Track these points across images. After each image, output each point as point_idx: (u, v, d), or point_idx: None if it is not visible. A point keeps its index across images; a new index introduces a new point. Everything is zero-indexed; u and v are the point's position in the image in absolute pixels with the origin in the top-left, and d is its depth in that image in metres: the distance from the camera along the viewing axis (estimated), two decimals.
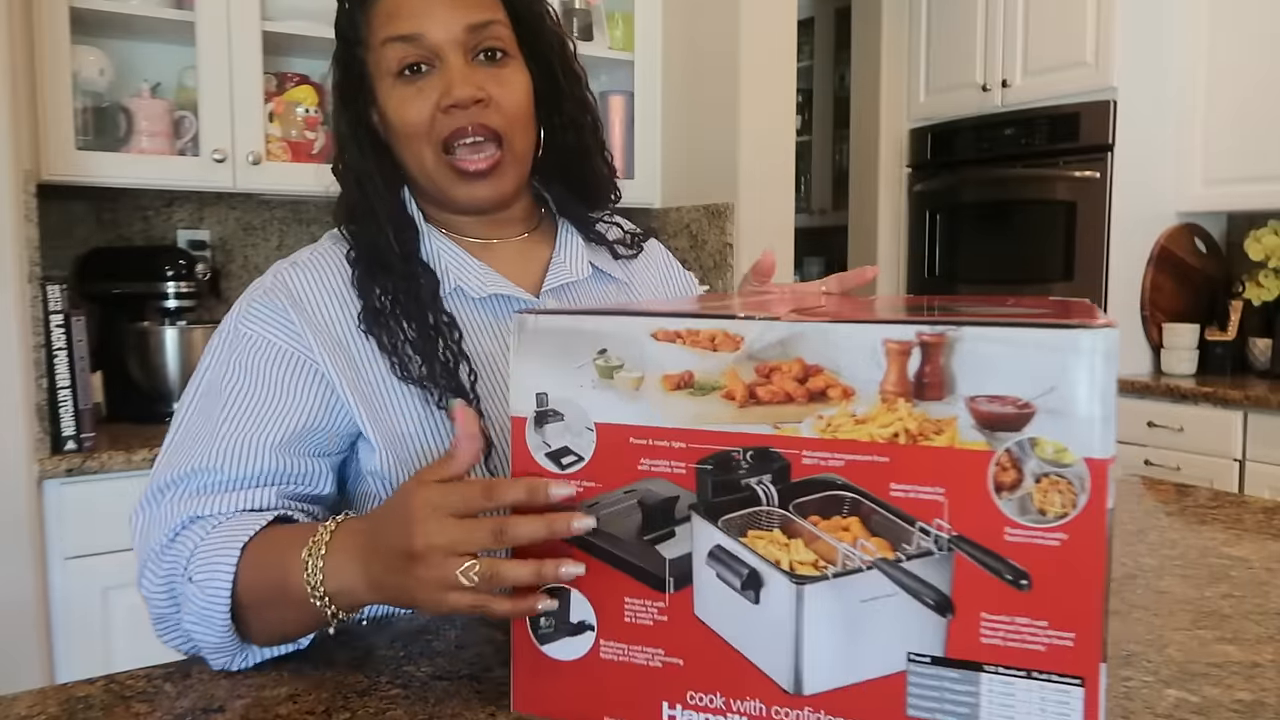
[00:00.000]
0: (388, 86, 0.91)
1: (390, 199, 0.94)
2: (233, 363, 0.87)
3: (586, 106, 1.02)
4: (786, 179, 2.66)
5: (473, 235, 0.98)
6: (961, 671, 0.56)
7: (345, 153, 0.94)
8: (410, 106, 0.90)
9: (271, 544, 0.75)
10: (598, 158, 1.04)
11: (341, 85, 0.95)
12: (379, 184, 0.94)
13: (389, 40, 0.90)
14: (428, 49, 0.89)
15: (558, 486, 0.61)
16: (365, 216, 0.93)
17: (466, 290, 0.94)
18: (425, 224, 0.96)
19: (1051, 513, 0.53)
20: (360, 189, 0.93)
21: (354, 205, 0.94)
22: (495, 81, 0.91)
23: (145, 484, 0.86)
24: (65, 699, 0.74)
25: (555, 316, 0.63)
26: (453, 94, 0.88)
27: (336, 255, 0.93)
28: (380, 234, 0.92)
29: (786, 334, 0.58)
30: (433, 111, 0.89)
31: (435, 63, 0.90)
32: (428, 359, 0.87)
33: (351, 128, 0.94)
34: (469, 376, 0.89)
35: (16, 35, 1.82)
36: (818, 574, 0.58)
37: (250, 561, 0.75)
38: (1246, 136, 2.86)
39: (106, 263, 2.21)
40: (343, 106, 0.95)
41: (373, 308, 0.88)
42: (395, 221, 0.93)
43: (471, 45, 0.90)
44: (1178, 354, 2.95)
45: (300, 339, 0.87)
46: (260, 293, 0.90)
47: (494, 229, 0.99)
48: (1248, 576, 1.00)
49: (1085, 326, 0.51)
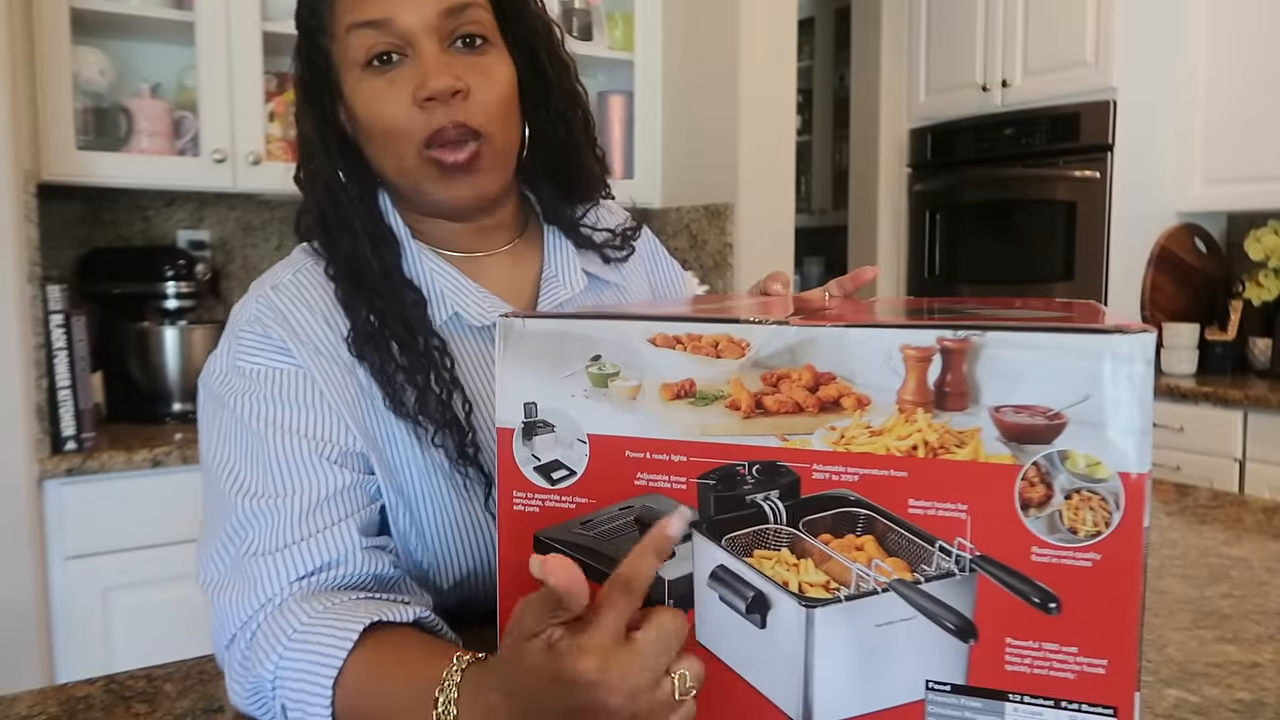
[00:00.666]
0: (355, 79, 0.82)
1: (365, 208, 0.86)
2: (253, 399, 0.78)
3: (576, 98, 0.93)
4: (786, 179, 2.66)
5: (459, 249, 0.90)
6: (985, 701, 0.52)
7: (313, 157, 0.86)
8: (382, 101, 0.81)
9: (376, 691, 0.64)
10: (588, 154, 0.95)
11: (305, 81, 0.86)
12: (352, 192, 0.86)
13: (354, 26, 0.80)
14: (398, 35, 0.80)
15: (674, 525, 0.53)
16: (339, 228, 0.85)
17: (465, 318, 0.87)
18: (412, 240, 0.88)
19: (1083, 531, 0.49)
20: (331, 197, 0.85)
21: (325, 216, 0.85)
22: (474, 71, 0.82)
23: (198, 547, 0.78)
24: (65, 699, 0.74)
25: (544, 320, 0.59)
26: (428, 85, 0.79)
27: (317, 273, 0.85)
28: (357, 247, 0.84)
29: (796, 339, 0.54)
30: (407, 106, 0.80)
31: (407, 51, 0.80)
32: (419, 390, 0.80)
33: (318, 129, 0.85)
34: (463, 408, 0.82)
35: (16, 35, 1.81)
36: (829, 596, 0.54)
37: (351, 696, 0.65)
38: (1246, 136, 2.86)
39: (106, 263, 2.21)
40: (307, 105, 0.86)
41: (364, 331, 0.81)
42: (372, 234, 0.85)
43: (447, 31, 0.81)
44: (1178, 354, 2.95)
45: (298, 360, 0.80)
46: (246, 322, 0.82)
47: (480, 239, 0.91)
48: (1248, 576, 1.00)
49: (1123, 331, 0.48)
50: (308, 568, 0.72)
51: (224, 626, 0.72)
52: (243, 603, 0.71)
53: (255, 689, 0.68)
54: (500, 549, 0.62)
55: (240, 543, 0.74)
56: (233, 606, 0.71)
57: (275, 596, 0.71)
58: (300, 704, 0.65)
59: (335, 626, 0.66)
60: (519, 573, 0.60)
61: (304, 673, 0.65)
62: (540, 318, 0.59)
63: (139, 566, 1.89)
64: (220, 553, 0.75)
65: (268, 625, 0.69)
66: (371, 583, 0.75)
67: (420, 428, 0.81)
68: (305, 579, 0.72)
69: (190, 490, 1.90)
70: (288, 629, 0.68)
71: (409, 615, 0.69)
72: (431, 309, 0.86)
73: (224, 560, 0.74)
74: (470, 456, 0.81)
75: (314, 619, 0.67)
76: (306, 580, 0.72)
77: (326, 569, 0.73)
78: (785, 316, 0.57)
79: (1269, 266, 2.90)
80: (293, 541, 0.73)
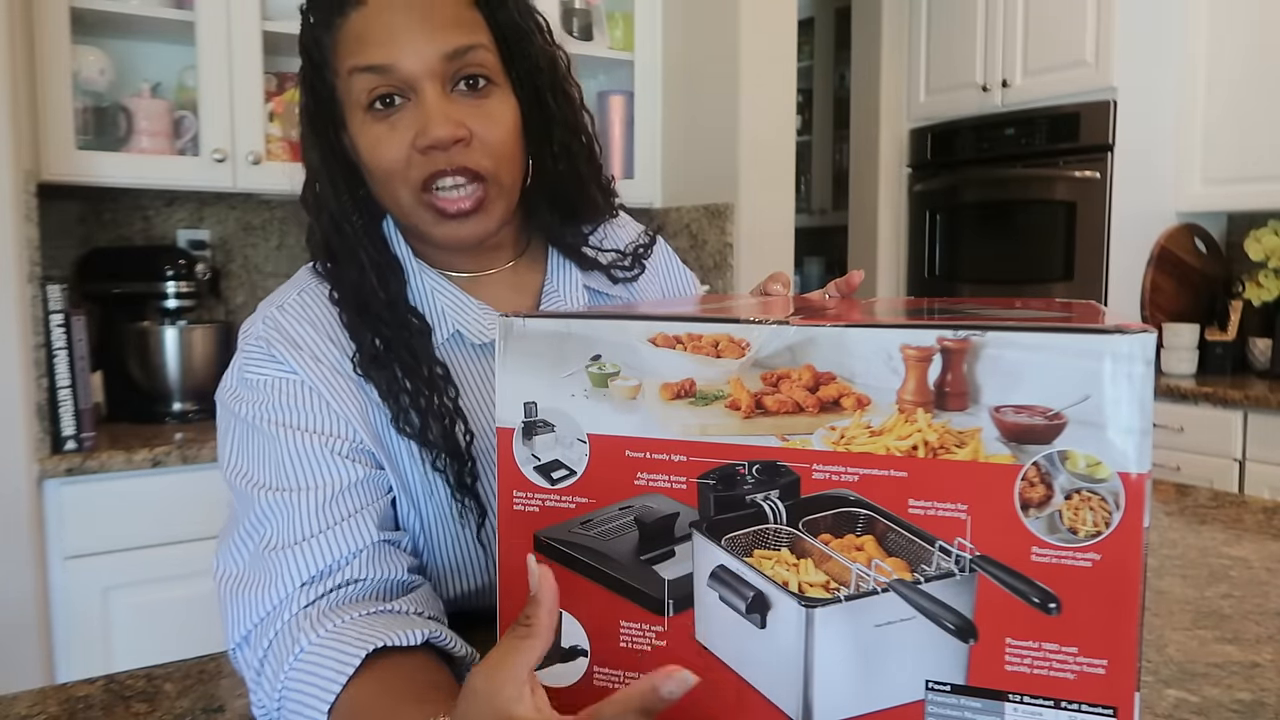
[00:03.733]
0: (358, 120, 0.81)
1: (371, 239, 0.86)
2: (262, 407, 0.79)
3: (580, 130, 0.92)
4: (786, 179, 2.66)
5: (461, 269, 0.90)
6: (984, 701, 0.52)
7: (318, 186, 0.86)
8: (384, 146, 0.80)
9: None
10: (592, 185, 0.94)
11: (310, 111, 0.85)
12: (356, 224, 0.86)
13: (356, 70, 0.79)
14: (400, 80, 0.79)
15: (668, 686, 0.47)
16: (346, 258, 0.85)
17: (466, 336, 0.87)
18: (414, 260, 0.88)
19: (1083, 531, 0.49)
20: (337, 228, 0.85)
21: (331, 245, 0.86)
22: (477, 115, 0.81)
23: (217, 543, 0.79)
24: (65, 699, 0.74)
25: (544, 320, 0.59)
26: (429, 134, 0.78)
27: (322, 294, 0.85)
28: (363, 278, 0.84)
29: (796, 339, 0.53)
30: (408, 151, 0.79)
31: (409, 94, 0.79)
32: (422, 415, 0.81)
33: (323, 159, 0.85)
34: (464, 437, 0.82)
35: (16, 35, 1.81)
36: (829, 596, 0.54)
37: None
38: (1246, 136, 2.86)
39: (106, 263, 2.21)
40: (313, 135, 0.85)
41: (370, 355, 0.81)
42: (378, 265, 0.85)
43: (450, 74, 0.80)
44: (1178, 354, 2.95)
45: (302, 375, 0.81)
46: (253, 340, 0.83)
47: (482, 259, 0.91)
48: (1248, 576, 1.00)
49: (1123, 331, 0.47)
50: (326, 562, 0.73)
51: (237, 623, 0.72)
52: (258, 600, 0.71)
53: (265, 709, 0.69)
54: (500, 549, 0.62)
55: (260, 536, 0.74)
56: (247, 604, 0.72)
57: (291, 598, 0.71)
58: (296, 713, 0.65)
59: (338, 651, 0.66)
60: (519, 573, 0.60)
61: (304, 695, 0.65)
62: (540, 317, 0.59)
63: (139, 566, 1.89)
64: (240, 545, 0.75)
65: (279, 643, 0.69)
66: (386, 586, 0.75)
67: (424, 449, 0.81)
68: (320, 580, 0.72)
69: (190, 490, 1.91)
70: (294, 649, 0.67)
71: (417, 638, 0.68)
72: (434, 329, 0.86)
73: (243, 553, 0.75)
74: (468, 486, 0.82)
75: (320, 640, 0.67)
76: (322, 582, 0.72)
77: (344, 564, 0.73)
78: (785, 316, 0.56)
79: (1269, 266, 2.90)
80: (311, 534, 0.74)
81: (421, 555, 0.84)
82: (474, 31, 0.81)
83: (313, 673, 0.66)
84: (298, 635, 0.68)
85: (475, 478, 0.82)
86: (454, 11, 0.80)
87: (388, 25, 0.78)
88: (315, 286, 0.86)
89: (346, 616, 0.70)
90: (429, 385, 0.82)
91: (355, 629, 0.68)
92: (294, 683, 0.66)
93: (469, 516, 0.83)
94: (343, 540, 0.74)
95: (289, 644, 0.68)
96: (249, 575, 0.73)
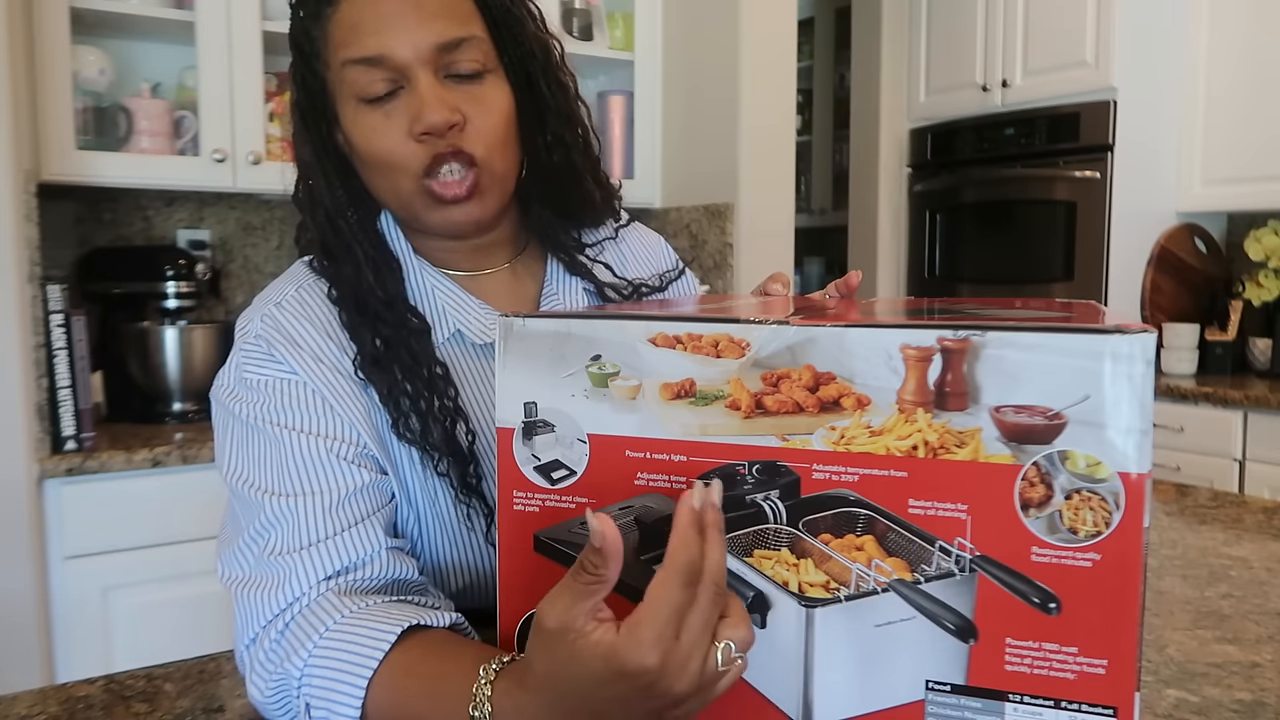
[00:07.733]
0: (351, 111, 0.81)
1: (367, 234, 0.86)
2: (262, 408, 0.78)
3: (575, 120, 0.91)
4: (786, 179, 2.66)
5: (460, 268, 0.90)
6: (984, 701, 0.52)
7: (311, 182, 0.85)
8: (380, 136, 0.80)
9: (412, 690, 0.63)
10: (588, 179, 0.93)
11: (301, 105, 0.84)
12: (352, 220, 0.85)
13: (349, 63, 0.79)
14: (393, 70, 0.78)
15: (712, 494, 0.51)
16: (341, 255, 0.84)
17: (467, 335, 0.86)
18: (414, 258, 0.88)
19: (1083, 531, 0.49)
20: (332, 224, 0.84)
21: (327, 241, 0.84)
22: (471, 101, 0.80)
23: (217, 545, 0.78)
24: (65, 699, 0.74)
25: (544, 320, 0.59)
26: (424, 120, 0.78)
27: (319, 293, 0.84)
28: (360, 275, 0.83)
29: (796, 339, 0.53)
30: (404, 139, 0.79)
31: (403, 83, 0.79)
32: (422, 419, 0.80)
33: (316, 155, 0.84)
34: (467, 438, 0.82)
35: (16, 35, 1.81)
36: (829, 596, 0.54)
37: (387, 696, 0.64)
38: (1246, 136, 2.86)
39: (106, 263, 2.21)
40: (305, 130, 0.85)
41: (370, 355, 0.80)
42: (375, 261, 0.84)
43: (443, 63, 0.80)
44: (1178, 354, 2.95)
45: (302, 376, 0.80)
46: (251, 337, 0.81)
47: (480, 257, 0.90)
48: (1248, 576, 1.00)
49: (1123, 331, 0.48)
50: (336, 566, 0.72)
51: (248, 623, 0.71)
52: (271, 599, 0.71)
53: (279, 685, 0.67)
54: (500, 549, 0.62)
55: (264, 541, 0.74)
56: (260, 603, 0.71)
57: (306, 595, 0.70)
58: (326, 701, 0.64)
59: (374, 625, 0.66)
60: (519, 573, 0.60)
61: (336, 669, 0.64)
62: (540, 317, 0.59)
63: (139, 566, 1.89)
64: (244, 550, 0.74)
65: (301, 620, 0.69)
66: (398, 586, 0.75)
67: (426, 454, 0.81)
68: (334, 578, 0.72)
69: (190, 490, 1.91)
70: (320, 626, 0.67)
71: (445, 620, 0.68)
72: (434, 328, 0.85)
73: (248, 558, 0.74)
74: (473, 487, 0.81)
75: (352, 616, 0.67)
76: (335, 580, 0.72)
77: (355, 568, 0.73)
78: (785, 316, 0.56)
79: (1269, 267, 2.90)
80: (319, 539, 0.73)
81: (419, 558, 0.84)
82: (466, 19, 0.81)
83: (346, 647, 0.65)
84: (323, 612, 0.68)
85: (479, 478, 0.82)
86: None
87: (378, 14, 0.78)
88: (312, 283, 0.85)
89: (372, 599, 0.70)
90: (429, 387, 0.81)
91: (383, 609, 0.68)
92: (323, 657, 0.65)
93: (476, 518, 0.82)
94: (352, 546, 0.74)
95: (314, 620, 0.68)
96: (257, 578, 0.73)
